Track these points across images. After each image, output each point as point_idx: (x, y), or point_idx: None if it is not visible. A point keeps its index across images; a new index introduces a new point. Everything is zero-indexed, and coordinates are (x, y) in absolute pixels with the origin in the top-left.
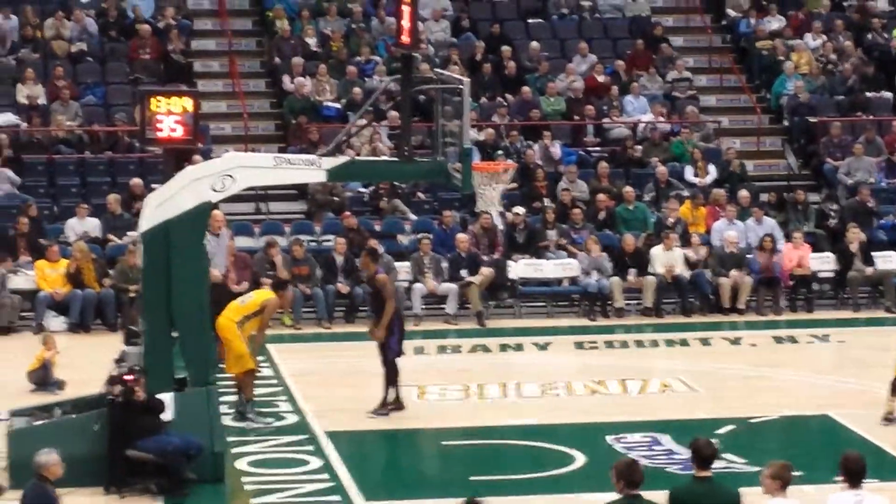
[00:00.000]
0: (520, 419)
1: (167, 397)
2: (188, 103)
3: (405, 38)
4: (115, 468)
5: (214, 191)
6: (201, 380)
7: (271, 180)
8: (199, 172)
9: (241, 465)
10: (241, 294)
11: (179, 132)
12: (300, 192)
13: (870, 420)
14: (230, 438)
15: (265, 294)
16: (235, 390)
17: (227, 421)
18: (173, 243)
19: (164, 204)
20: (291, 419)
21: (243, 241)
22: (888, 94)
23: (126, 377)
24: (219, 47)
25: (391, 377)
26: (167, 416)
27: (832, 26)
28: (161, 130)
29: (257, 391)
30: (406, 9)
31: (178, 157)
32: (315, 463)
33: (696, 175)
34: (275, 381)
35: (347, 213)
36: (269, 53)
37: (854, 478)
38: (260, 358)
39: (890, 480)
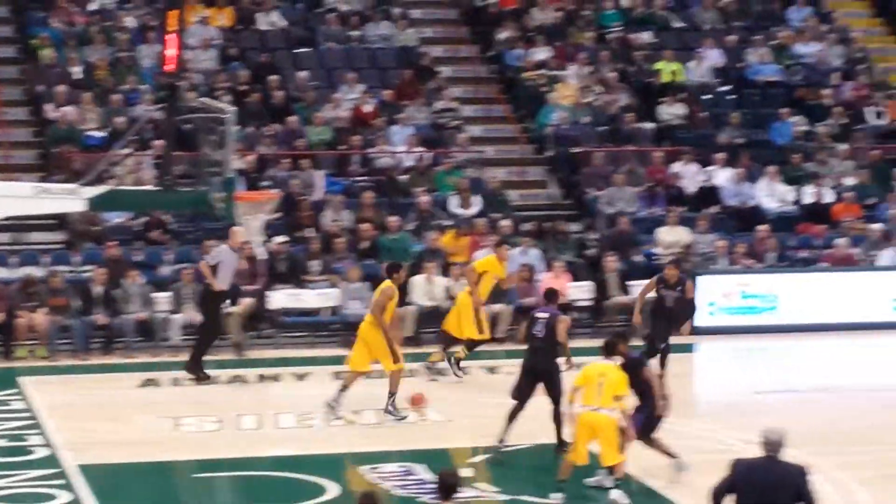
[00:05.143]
0: (275, 450)
1: None
2: None
3: (170, 66)
4: None
5: None
6: None
7: (30, 210)
8: None
9: None
10: None
11: None
12: (60, 221)
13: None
14: None
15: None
16: None
17: None
18: None
19: None
20: (41, 453)
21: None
22: (650, 125)
23: None
24: None
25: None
26: None
27: (597, 57)
28: None
29: (7, 424)
30: (171, 37)
31: None
32: (64, 497)
33: (460, 205)
34: (27, 414)
35: (111, 242)
36: (32, 81)
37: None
38: (12, 391)
39: None
